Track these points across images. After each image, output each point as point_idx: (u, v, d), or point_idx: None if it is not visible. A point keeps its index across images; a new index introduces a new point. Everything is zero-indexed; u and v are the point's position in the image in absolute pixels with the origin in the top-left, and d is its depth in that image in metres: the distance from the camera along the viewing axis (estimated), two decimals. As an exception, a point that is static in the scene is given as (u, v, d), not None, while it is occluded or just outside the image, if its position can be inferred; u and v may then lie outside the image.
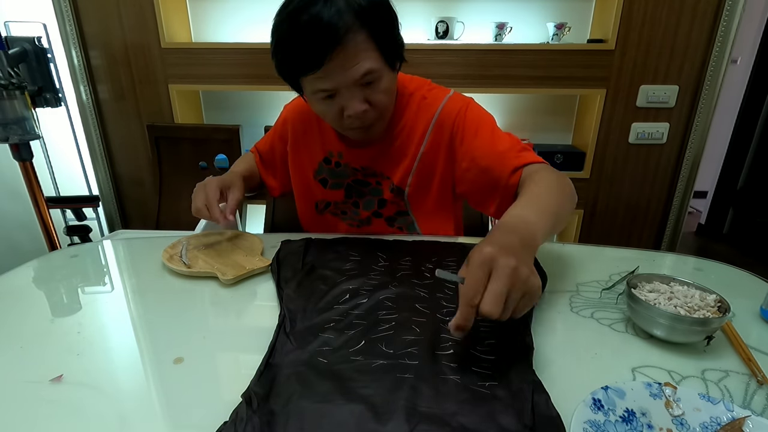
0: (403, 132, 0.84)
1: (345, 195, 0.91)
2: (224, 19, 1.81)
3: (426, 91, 0.85)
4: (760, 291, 0.64)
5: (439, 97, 0.84)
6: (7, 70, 1.23)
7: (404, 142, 0.84)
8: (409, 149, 0.84)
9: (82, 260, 0.81)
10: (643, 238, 1.86)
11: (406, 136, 0.84)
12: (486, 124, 0.81)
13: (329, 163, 0.90)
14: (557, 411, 0.41)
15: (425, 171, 0.85)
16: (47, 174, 1.94)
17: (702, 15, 1.55)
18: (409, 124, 0.84)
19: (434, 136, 0.83)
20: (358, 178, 0.89)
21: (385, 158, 0.86)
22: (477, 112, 0.83)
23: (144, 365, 0.52)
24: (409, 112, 0.84)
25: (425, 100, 0.84)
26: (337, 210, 0.94)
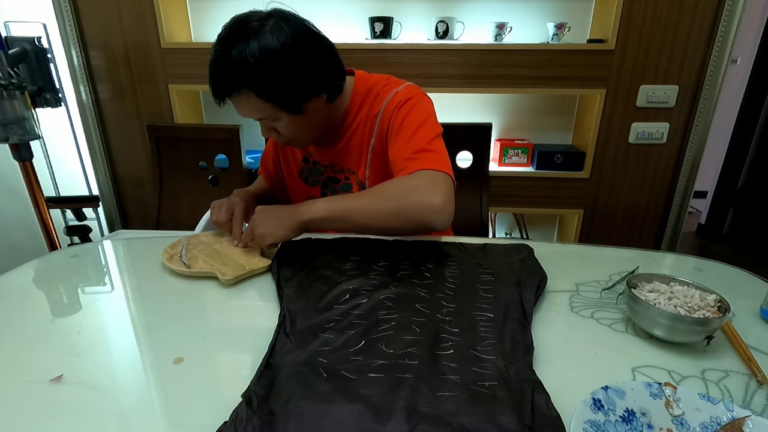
0: (359, 129, 0.88)
1: (321, 191, 0.96)
2: (224, 19, 1.79)
3: (381, 87, 0.88)
4: (760, 291, 0.64)
5: (389, 92, 0.86)
6: (7, 70, 1.23)
7: (360, 139, 0.88)
8: (364, 144, 0.88)
9: (82, 260, 0.81)
10: (643, 238, 1.86)
11: (361, 133, 0.88)
12: (410, 123, 0.80)
13: (307, 162, 0.96)
14: (557, 411, 0.41)
15: (378, 163, 0.88)
16: (47, 174, 1.94)
17: (702, 15, 1.55)
18: (362, 120, 0.87)
19: (380, 130, 0.86)
20: (329, 174, 0.94)
21: (346, 154, 0.90)
22: (411, 108, 0.82)
23: (144, 365, 0.52)
24: (363, 109, 0.87)
25: (378, 96, 0.87)
26: None
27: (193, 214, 1.24)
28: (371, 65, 1.63)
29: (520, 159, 1.80)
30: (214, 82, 0.75)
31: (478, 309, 0.60)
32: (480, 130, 1.17)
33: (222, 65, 0.73)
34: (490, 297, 0.63)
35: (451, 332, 0.55)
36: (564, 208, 1.83)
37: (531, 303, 0.61)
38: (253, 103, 0.75)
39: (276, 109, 0.77)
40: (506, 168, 1.79)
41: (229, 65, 0.72)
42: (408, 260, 0.74)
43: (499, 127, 1.89)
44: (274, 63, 0.72)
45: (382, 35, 1.66)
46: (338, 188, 0.95)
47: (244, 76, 0.72)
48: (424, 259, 0.74)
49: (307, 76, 0.76)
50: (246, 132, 1.59)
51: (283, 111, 0.77)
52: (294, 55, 0.73)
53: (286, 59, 0.72)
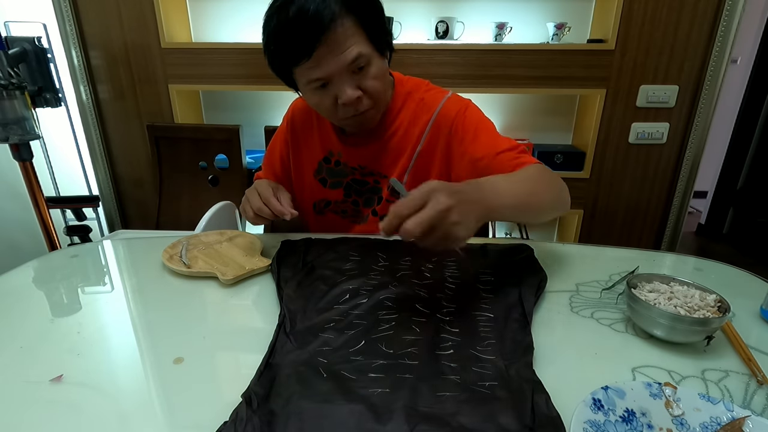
0: (399, 131, 0.85)
1: (344, 194, 0.92)
2: (224, 19, 1.81)
3: (424, 92, 0.86)
4: (760, 291, 0.64)
5: (438, 98, 0.84)
6: (7, 70, 1.23)
7: (400, 142, 0.85)
8: (406, 148, 0.85)
9: (82, 260, 0.81)
10: (643, 238, 1.86)
11: (403, 136, 0.85)
12: (485, 126, 0.82)
13: (329, 163, 0.91)
14: (557, 411, 0.41)
15: (421, 170, 0.86)
16: (47, 174, 1.94)
17: (702, 15, 1.55)
18: (406, 123, 0.85)
19: (431, 136, 0.83)
20: (356, 177, 0.90)
21: (382, 157, 0.87)
22: (476, 113, 0.84)
23: (144, 365, 0.52)
24: (406, 112, 0.85)
25: (423, 101, 0.85)
26: (337, 209, 0.94)
27: (193, 214, 1.24)
28: (371, 65, 1.63)
29: (520, 159, 1.80)
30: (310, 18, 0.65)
31: (478, 309, 0.60)
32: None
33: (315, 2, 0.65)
34: (490, 297, 0.63)
35: (451, 332, 0.55)
36: (564, 208, 1.83)
37: (531, 303, 0.61)
38: (357, 35, 0.69)
39: (371, 46, 0.71)
40: (506, 168, 1.79)
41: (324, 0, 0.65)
42: (408, 260, 0.74)
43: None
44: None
45: (382, 35, 1.66)
46: (365, 191, 0.90)
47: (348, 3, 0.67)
48: (424, 259, 0.74)
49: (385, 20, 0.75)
50: (246, 132, 1.60)
51: (376, 52, 0.73)
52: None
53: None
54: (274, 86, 1.74)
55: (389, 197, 0.88)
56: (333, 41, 0.67)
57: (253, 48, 1.67)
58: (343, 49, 0.69)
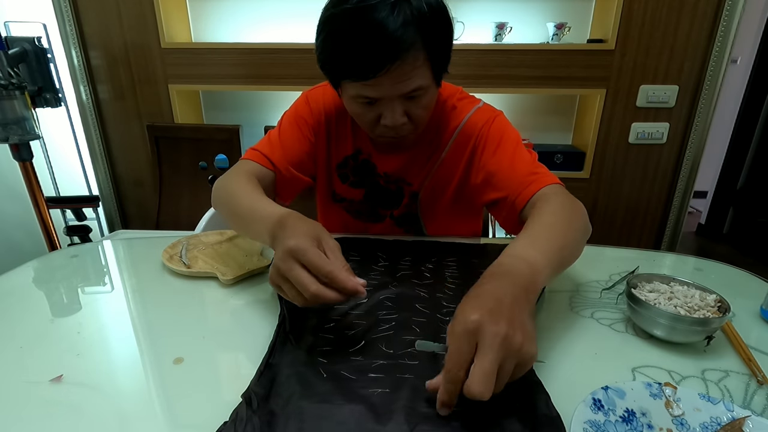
0: (426, 137, 0.82)
1: (365, 196, 0.89)
2: (224, 19, 1.81)
3: (457, 100, 0.83)
4: (760, 291, 0.64)
5: (468, 107, 0.82)
6: (7, 70, 1.23)
7: (425, 148, 0.83)
8: (429, 154, 0.83)
9: (82, 260, 0.81)
10: (643, 238, 1.86)
11: (428, 142, 0.83)
12: (509, 140, 0.78)
13: (356, 160, 0.87)
14: (557, 411, 0.41)
15: (442, 177, 0.84)
16: (47, 174, 1.94)
17: (702, 15, 1.55)
18: (435, 130, 0.82)
19: (456, 145, 0.81)
20: (380, 183, 0.87)
21: (409, 165, 0.84)
22: (502, 126, 0.80)
23: (144, 365, 0.52)
24: (437, 120, 0.82)
25: (455, 109, 0.82)
26: (352, 208, 0.92)
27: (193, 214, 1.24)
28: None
29: (520, 159, 1.80)
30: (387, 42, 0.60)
31: (478, 309, 0.60)
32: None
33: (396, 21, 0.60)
34: (490, 297, 0.63)
35: (451, 332, 0.55)
36: (564, 208, 1.83)
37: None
38: (419, 66, 0.65)
39: (431, 78, 0.68)
40: (506, 168, 1.79)
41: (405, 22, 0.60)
42: (408, 260, 0.74)
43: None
44: (445, 18, 0.66)
45: (382, 35, 1.66)
46: (386, 196, 0.88)
47: (425, 32, 0.63)
48: (424, 259, 0.74)
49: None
50: (246, 132, 1.60)
51: (433, 81, 0.69)
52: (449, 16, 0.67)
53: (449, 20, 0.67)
54: (274, 86, 1.75)
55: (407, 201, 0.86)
56: (400, 69, 0.63)
57: (253, 48, 1.67)
58: (405, 78, 0.64)
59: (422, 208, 0.88)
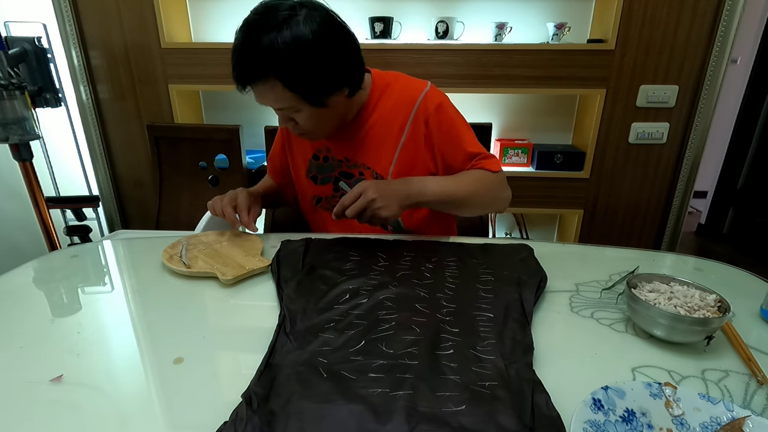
0: (380, 123, 0.88)
1: (333, 188, 0.94)
2: (224, 19, 1.81)
3: (403, 84, 0.89)
4: (760, 291, 0.64)
5: (417, 91, 0.88)
6: (7, 70, 1.22)
7: (381, 133, 0.88)
8: (388, 139, 0.88)
9: (82, 260, 0.81)
10: (643, 238, 1.86)
11: (383, 127, 0.88)
12: (456, 125, 0.88)
13: (317, 159, 0.93)
14: (557, 411, 0.41)
15: (406, 161, 0.88)
16: (47, 174, 1.94)
17: (702, 15, 1.55)
18: (386, 115, 0.88)
19: (413, 129, 0.87)
20: (343, 169, 0.92)
21: (364, 148, 0.89)
22: (451, 111, 0.89)
23: (144, 365, 0.52)
24: (385, 104, 0.88)
25: (403, 93, 0.88)
26: (328, 205, 0.96)
27: (193, 214, 1.24)
28: (371, 65, 1.62)
29: (520, 159, 1.80)
30: (240, 68, 0.74)
31: (478, 309, 0.60)
32: (480, 130, 1.16)
33: (250, 51, 0.71)
34: (490, 297, 0.63)
35: (451, 332, 0.55)
36: (564, 208, 1.83)
37: (531, 303, 0.61)
38: (277, 92, 0.74)
39: (300, 100, 0.76)
40: (506, 168, 1.79)
41: (258, 52, 0.70)
42: (408, 260, 0.74)
43: (499, 127, 1.89)
44: (305, 53, 0.71)
45: (382, 35, 1.66)
46: (351, 184, 0.92)
47: (273, 65, 0.71)
48: (424, 259, 0.74)
49: (334, 69, 0.75)
50: (246, 132, 1.60)
51: (306, 103, 0.76)
52: (324, 46, 0.72)
53: (317, 50, 0.72)
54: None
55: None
56: (260, 92, 0.76)
57: (253, 48, 1.67)
58: (267, 101, 0.77)
59: None
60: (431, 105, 0.86)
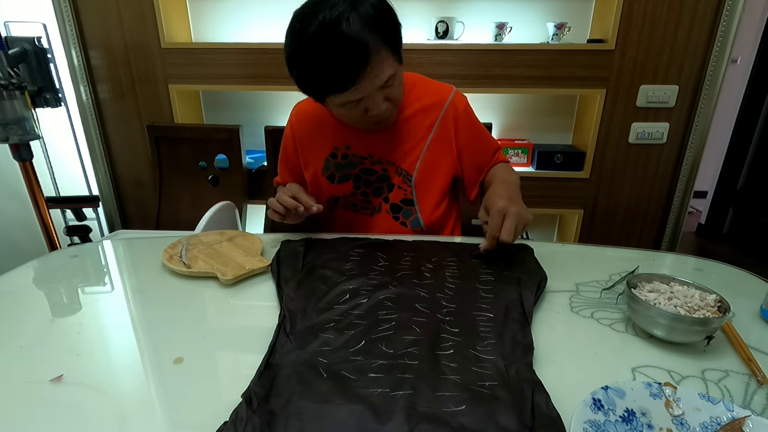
0: (409, 120, 0.89)
1: (353, 186, 0.93)
2: (224, 19, 1.81)
3: (430, 85, 0.93)
4: (760, 291, 0.64)
5: (446, 92, 0.92)
6: (7, 70, 1.23)
7: (411, 130, 0.90)
8: (416, 137, 0.90)
9: (82, 260, 0.81)
10: (643, 238, 1.86)
11: (413, 125, 0.90)
12: (481, 127, 0.95)
13: (335, 158, 0.92)
14: (557, 411, 0.41)
15: (431, 158, 0.90)
16: (47, 174, 1.94)
17: (702, 15, 1.55)
18: (415, 112, 0.90)
19: (441, 128, 0.90)
20: (365, 166, 0.92)
21: (390, 144, 0.90)
22: (473, 115, 0.94)
23: (144, 365, 0.52)
24: (412, 101, 0.90)
25: (432, 94, 0.91)
26: (347, 203, 0.95)
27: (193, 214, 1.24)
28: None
29: (520, 159, 1.80)
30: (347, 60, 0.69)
31: (478, 309, 0.60)
32: (480, 130, 1.17)
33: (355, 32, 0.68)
34: (490, 297, 0.63)
35: (451, 332, 0.55)
36: (564, 208, 1.83)
37: (531, 303, 0.61)
38: (388, 59, 0.74)
39: (396, 62, 0.77)
40: (506, 168, 1.79)
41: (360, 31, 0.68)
42: (408, 260, 0.74)
43: (499, 127, 1.89)
44: (392, 10, 0.75)
45: (382, 35, 1.66)
46: (374, 180, 0.92)
47: (378, 30, 0.71)
48: (424, 259, 0.74)
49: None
50: (246, 132, 1.60)
51: (399, 63, 0.78)
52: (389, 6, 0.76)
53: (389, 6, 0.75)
54: (274, 86, 1.75)
55: (400, 184, 0.92)
56: (372, 69, 0.72)
57: (253, 48, 1.67)
58: (378, 73, 0.73)
59: (417, 192, 0.91)
60: (460, 107, 0.90)
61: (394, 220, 0.93)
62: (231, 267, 0.72)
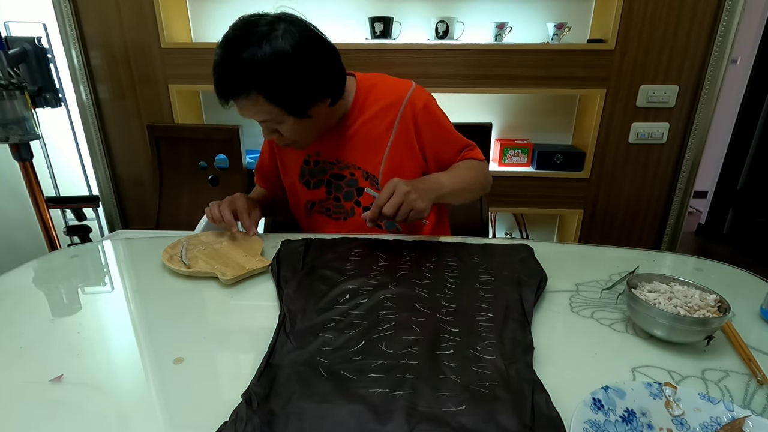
0: (367, 124, 0.89)
1: (326, 192, 0.95)
2: (224, 19, 1.81)
3: (389, 84, 0.92)
4: (760, 291, 0.64)
5: (403, 90, 0.90)
6: (7, 70, 1.23)
7: (371, 133, 0.89)
8: (376, 139, 0.90)
9: (82, 260, 0.81)
10: (643, 238, 1.86)
11: (373, 127, 0.89)
12: (444, 123, 0.93)
13: (308, 164, 0.94)
14: (557, 411, 0.41)
15: (395, 159, 0.90)
16: (47, 174, 1.94)
17: (702, 15, 1.55)
18: (374, 116, 0.89)
19: (401, 127, 0.89)
20: (334, 171, 0.93)
21: (354, 149, 0.91)
22: (437, 109, 0.92)
23: (144, 365, 0.52)
24: (371, 105, 0.89)
25: (389, 93, 0.90)
26: (322, 208, 0.96)
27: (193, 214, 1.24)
28: (371, 65, 1.63)
29: (520, 159, 1.80)
30: (222, 84, 0.75)
31: (478, 309, 0.60)
32: (480, 130, 1.17)
33: (231, 66, 0.73)
34: (490, 297, 0.63)
35: (451, 332, 0.55)
36: (564, 208, 1.83)
37: (531, 303, 0.61)
38: (260, 105, 0.75)
39: (282, 112, 0.77)
40: (506, 168, 1.79)
41: (239, 67, 0.72)
42: (408, 260, 0.74)
43: (499, 127, 1.89)
44: (286, 67, 0.72)
45: (382, 35, 1.66)
46: (343, 185, 0.93)
47: (255, 79, 0.72)
48: (424, 259, 0.74)
49: (315, 81, 0.77)
50: (246, 132, 1.59)
51: (289, 115, 0.78)
52: (304, 59, 0.73)
53: (297, 64, 0.73)
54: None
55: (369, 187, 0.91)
56: (242, 106, 0.77)
57: (253, 48, 1.67)
58: (250, 113, 0.78)
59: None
60: (419, 104, 0.88)
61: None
62: (231, 267, 0.72)
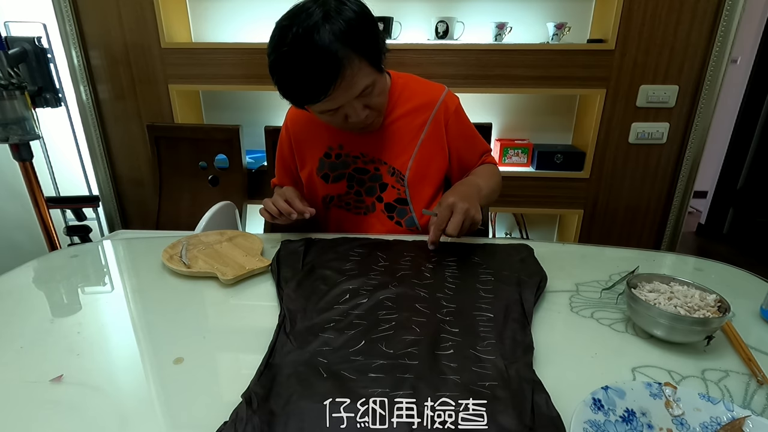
0: (399, 121, 0.90)
1: (347, 186, 0.94)
2: (224, 19, 1.81)
3: (422, 85, 0.94)
4: (760, 291, 0.64)
5: (436, 90, 0.93)
6: (7, 70, 1.22)
7: (402, 130, 0.90)
8: (407, 136, 0.91)
9: (82, 260, 0.81)
10: (643, 238, 1.86)
11: (403, 125, 0.90)
12: (471, 128, 0.97)
13: (329, 157, 0.93)
14: (557, 411, 0.41)
15: (423, 157, 0.91)
16: (47, 174, 1.94)
17: (702, 15, 1.55)
18: (406, 112, 0.91)
19: (433, 128, 0.91)
20: (358, 165, 0.93)
21: (382, 144, 0.91)
22: (465, 114, 0.96)
23: (144, 365, 0.52)
24: (404, 102, 0.91)
25: (424, 93, 0.92)
26: (341, 202, 0.96)
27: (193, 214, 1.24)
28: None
29: (520, 159, 1.80)
30: (317, 74, 0.70)
31: (478, 309, 0.60)
32: (480, 130, 1.16)
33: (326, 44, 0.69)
34: (490, 297, 0.63)
35: (451, 332, 0.55)
36: (564, 208, 1.83)
37: (531, 303, 0.61)
38: (363, 69, 0.74)
39: (373, 71, 0.76)
40: (506, 168, 1.79)
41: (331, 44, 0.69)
42: (408, 260, 0.74)
43: (499, 127, 1.89)
44: (369, 21, 0.74)
45: (382, 35, 1.66)
46: (366, 179, 0.93)
47: (350, 42, 0.70)
48: (424, 259, 0.74)
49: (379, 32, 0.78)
50: (246, 132, 1.60)
51: (377, 73, 0.78)
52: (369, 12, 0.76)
53: (371, 17, 0.75)
54: (275, 86, 1.75)
55: (393, 183, 0.93)
56: (344, 81, 0.72)
57: (253, 48, 1.67)
58: (352, 84, 0.74)
59: (411, 191, 0.92)
60: (452, 106, 0.92)
61: (389, 219, 0.94)
62: (231, 267, 0.72)
